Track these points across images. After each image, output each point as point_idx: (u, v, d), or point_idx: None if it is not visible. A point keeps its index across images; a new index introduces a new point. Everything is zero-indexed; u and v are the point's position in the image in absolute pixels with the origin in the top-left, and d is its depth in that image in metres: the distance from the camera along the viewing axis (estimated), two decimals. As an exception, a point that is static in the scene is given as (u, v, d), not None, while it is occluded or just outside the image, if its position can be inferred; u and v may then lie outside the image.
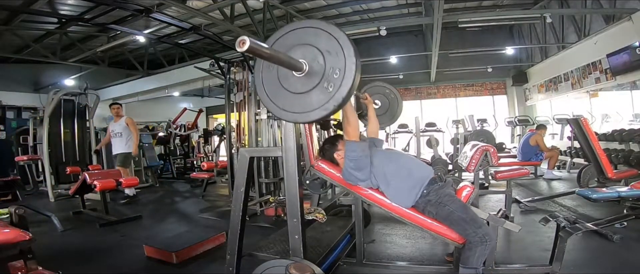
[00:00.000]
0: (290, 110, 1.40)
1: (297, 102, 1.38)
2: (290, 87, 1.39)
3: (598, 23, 6.89)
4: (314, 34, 1.34)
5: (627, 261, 2.39)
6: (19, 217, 1.88)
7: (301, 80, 1.36)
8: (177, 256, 2.66)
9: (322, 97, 1.32)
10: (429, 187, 1.89)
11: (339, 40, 1.30)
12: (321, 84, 1.32)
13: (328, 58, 1.31)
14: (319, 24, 1.35)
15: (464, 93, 11.87)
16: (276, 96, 1.43)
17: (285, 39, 1.41)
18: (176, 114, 9.66)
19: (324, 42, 1.32)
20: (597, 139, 3.91)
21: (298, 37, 1.38)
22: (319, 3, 8.04)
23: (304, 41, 1.36)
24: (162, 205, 5.21)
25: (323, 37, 1.32)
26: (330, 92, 1.30)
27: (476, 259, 1.76)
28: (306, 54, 1.34)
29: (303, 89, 1.36)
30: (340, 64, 1.29)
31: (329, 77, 1.31)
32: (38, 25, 7.11)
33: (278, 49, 1.36)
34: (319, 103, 1.33)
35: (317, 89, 1.33)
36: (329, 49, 1.31)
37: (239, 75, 4.82)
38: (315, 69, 1.33)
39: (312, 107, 1.35)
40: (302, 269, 1.61)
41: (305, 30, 1.37)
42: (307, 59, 1.33)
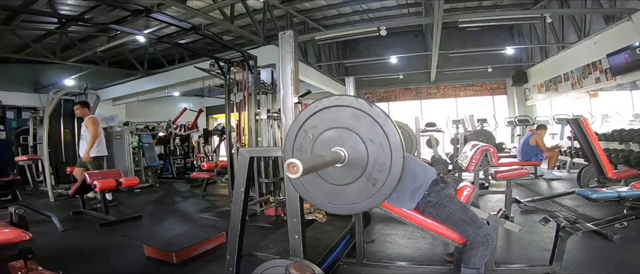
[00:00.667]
0: (329, 201, 1.28)
1: (334, 193, 1.26)
2: (326, 176, 1.25)
3: (598, 23, 6.89)
4: (353, 117, 1.18)
5: (627, 261, 2.38)
6: (19, 217, 1.88)
7: (339, 170, 1.21)
8: (177, 256, 2.65)
9: (365, 191, 1.19)
10: (430, 188, 1.88)
11: (384, 128, 1.14)
12: (362, 178, 1.19)
13: (371, 147, 1.16)
14: (361, 105, 1.17)
15: (464, 93, 11.87)
16: (310, 183, 1.30)
17: (317, 119, 1.25)
18: (176, 114, 9.66)
19: (366, 127, 1.16)
20: (597, 139, 3.91)
21: (333, 118, 1.21)
22: (319, 3, 8.04)
23: (341, 124, 1.20)
24: (162, 205, 5.21)
25: (364, 122, 1.16)
26: (374, 189, 1.17)
27: (478, 259, 1.76)
28: (344, 139, 1.18)
29: (341, 181, 1.23)
30: (385, 158, 1.14)
31: (371, 171, 1.17)
32: (38, 25, 7.10)
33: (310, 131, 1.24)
34: (361, 197, 1.21)
35: (358, 182, 1.20)
36: (371, 138, 1.16)
37: (238, 75, 4.82)
38: (356, 160, 1.18)
39: (353, 200, 1.23)
40: (302, 269, 1.61)
41: (342, 110, 1.20)
42: (345, 147, 1.19)
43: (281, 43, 1.74)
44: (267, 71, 5.62)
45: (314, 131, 1.25)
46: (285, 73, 1.73)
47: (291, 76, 1.73)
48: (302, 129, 1.28)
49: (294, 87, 1.73)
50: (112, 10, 6.16)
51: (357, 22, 9.15)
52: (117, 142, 6.63)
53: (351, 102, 1.19)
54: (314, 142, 1.27)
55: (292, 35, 1.74)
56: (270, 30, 6.90)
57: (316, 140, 1.26)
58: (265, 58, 5.54)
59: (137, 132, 7.88)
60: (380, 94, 12.33)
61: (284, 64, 1.74)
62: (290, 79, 1.73)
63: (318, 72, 9.01)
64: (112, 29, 6.80)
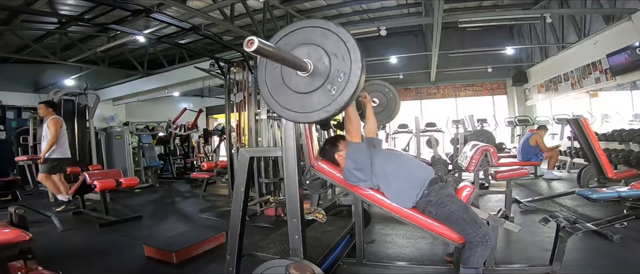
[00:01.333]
0: (291, 109, 1.39)
1: (299, 101, 1.37)
2: (293, 86, 1.38)
3: (598, 23, 6.89)
4: (322, 35, 1.32)
5: (627, 261, 2.39)
6: (19, 217, 1.88)
7: (305, 80, 1.34)
8: (177, 256, 2.66)
9: (325, 99, 1.31)
10: (429, 187, 1.88)
11: (347, 43, 1.28)
12: (325, 86, 1.31)
13: (334, 60, 1.30)
14: (328, 25, 1.32)
15: (464, 93, 11.87)
16: (278, 93, 1.42)
17: (292, 37, 1.39)
18: (176, 114, 9.67)
19: (332, 44, 1.30)
20: (597, 139, 3.91)
21: (305, 36, 1.36)
22: (319, 3, 8.04)
23: (310, 40, 1.34)
24: (162, 205, 5.21)
25: (331, 39, 1.31)
26: (333, 95, 1.29)
27: (477, 259, 1.76)
28: (312, 54, 1.32)
29: (306, 89, 1.35)
30: (345, 68, 1.27)
31: (333, 80, 1.30)
32: (38, 25, 7.11)
33: (284, 46, 1.35)
34: (321, 105, 1.32)
35: (320, 90, 1.32)
36: (335, 52, 1.29)
37: (239, 75, 4.83)
38: (320, 70, 1.32)
39: (314, 108, 1.34)
40: (302, 269, 1.61)
41: (313, 29, 1.35)
42: (312, 59, 1.32)
43: (281, 43, 1.75)
44: (267, 71, 5.61)
45: (287, 47, 1.36)
46: (285, 73, 1.74)
47: (291, 75, 1.73)
48: (278, 44, 1.38)
49: (293, 87, 1.74)
50: (112, 10, 6.17)
51: (357, 22, 9.14)
52: (117, 142, 6.63)
53: (321, 24, 1.34)
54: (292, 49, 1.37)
55: (292, 35, 1.74)
56: (270, 30, 6.90)
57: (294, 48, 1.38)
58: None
59: (137, 133, 7.89)
60: (380, 94, 12.30)
61: (284, 64, 1.74)
62: (290, 79, 1.73)
63: (318, 72, 8.99)
64: (112, 29, 6.80)
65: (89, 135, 6.24)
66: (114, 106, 10.88)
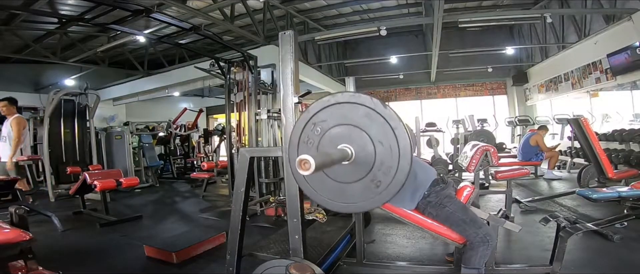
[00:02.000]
0: (331, 198, 1.26)
1: (338, 190, 1.24)
2: (331, 173, 1.23)
3: (598, 23, 6.89)
4: (366, 116, 1.16)
5: (627, 261, 2.38)
6: (19, 217, 1.88)
7: (345, 168, 1.19)
8: (177, 256, 2.66)
9: (368, 192, 1.18)
10: (430, 188, 1.88)
11: (395, 131, 1.12)
12: (367, 178, 1.17)
13: (379, 149, 1.14)
14: (374, 105, 1.15)
15: (464, 93, 11.87)
16: (314, 179, 1.28)
17: (328, 113, 1.22)
18: (176, 114, 9.66)
19: (377, 128, 1.14)
20: (597, 139, 3.91)
21: (345, 114, 1.19)
22: (319, 3, 8.04)
23: (352, 121, 1.17)
24: (162, 205, 5.21)
25: (376, 122, 1.14)
26: (377, 191, 1.16)
27: (478, 259, 1.76)
28: (353, 137, 1.16)
29: (346, 179, 1.21)
30: (392, 161, 1.12)
31: (376, 173, 1.15)
32: (38, 25, 7.10)
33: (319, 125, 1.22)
34: (364, 197, 1.19)
35: (362, 181, 1.18)
36: (381, 140, 1.14)
37: (239, 75, 4.83)
38: (363, 159, 1.16)
39: (355, 199, 1.21)
40: (302, 269, 1.61)
41: (355, 107, 1.17)
42: (353, 145, 1.17)
43: (281, 43, 1.74)
44: (267, 71, 5.62)
45: (323, 125, 1.22)
46: (285, 73, 1.73)
47: (291, 76, 1.72)
48: (311, 122, 1.25)
49: (294, 87, 1.73)
50: (112, 10, 6.16)
51: (357, 22, 9.15)
52: (117, 142, 6.64)
53: (365, 101, 1.16)
54: (322, 136, 1.25)
55: (292, 36, 1.74)
56: (270, 30, 6.90)
57: (324, 135, 1.24)
58: (265, 58, 5.54)
59: (137, 132, 7.88)
60: (380, 94, 12.31)
61: (284, 64, 1.73)
62: (291, 79, 1.72)
63: (318, 72, 9.01)
64: (112, 29, 6.78)
65: (89, 135, 6.24)
66: (114, 106, 10.86)
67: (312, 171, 0.95)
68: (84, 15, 6.56)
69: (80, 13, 6.62)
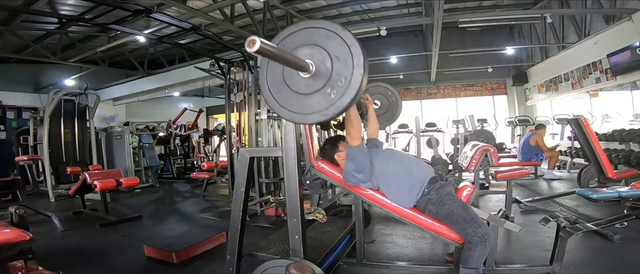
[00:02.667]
0: (289, 108, 1.39)
1: (298, 102, 1.36)
2: (293, 86, 1.37)
3: (598, 23, 6.88)
4: (326, 36, 1.31)
5: (627, 261, 2.38)
6: (19, 217, 1.88)
7: (306, 81, 1.33)
8: (177, 256, 2.66)
9: (323, 102, 1.30)
10: (429, 186, 1.89)
11: (351, 47, 1.26)
12: (325, 89, 1.30)
13: (336, 63, 1.28)
14: (333, 27, 1.31)
15: (464, 93, 11.86)
16: (278, 92, 1.41)
17: (295, 37, 1.37)
18: (176, 114, 9.67)
19: (335, 46, 1.29)
20: (597, 139, 3.91)
21: (308, 36, 1.34)
22: (319, 3, 8.03)
23: (314, 42, 1.32)
24: (162, 205, 5.21)
25: (334, 41, 1.29)
26: (332, 99, 1.28)
27: (476, 259, 1.76)
28: (314, 55, 1.31)
29: (306, 91, 1.34)
30: (347, 72, 1.26)
31: (334, 83, 1.28)
32: (38, 25, 7.11)
33: (287, 46, 1.34)
34: (320, 107, 1.31)
35: (320, 92, 1.31)
36: (338, 55, 1.28)
37: (239, 75, 4.83)
38: (322, 72, 1.30)
39: (312, 109, 1.33)
40: (302, 269, 1.61)
41: (317, 30, 1.33)
42: (314, 60, 1.31)
43: (281, 43, 1.75)
44: (267, 71, 5.60)
45: (290, 46, 1.35)
46: (285, 73, 1.74)
47: (291, 75, 1.73)
48: (281, 44, 1.38)
49: (294, 87, 1.74)
50: (112, 10, 6.17)
51: (357, 22, 9.14)
52: (117, 142, 6.64)
53: (326, 25, 1.32)
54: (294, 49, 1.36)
55: (292, 35, 1.74)
56: (270, 30, 6.90)
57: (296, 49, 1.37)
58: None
59: (137, 133, 7.89)
60: (380, 94, 12.30)
61: (284, 64, 1.74)
62: (291, 79, 1.73)
63: (318, 72, 8.99)
64: (112, 29, 6.80)
65: (89, 135, 6.25)
66: (114, 106, 10.88)
67: (257, 48, 1.02)
68: (84, 15, 6.57)
69: (80, 13, 6.62)
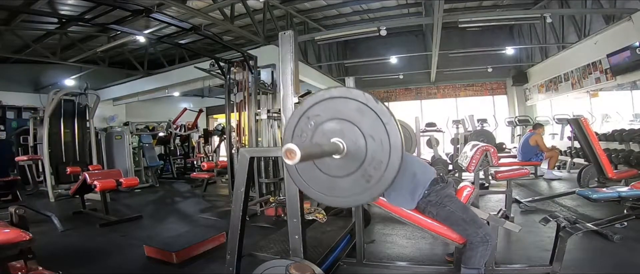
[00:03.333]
0: (320, 191, 1.27)
1: (328, 184, 1.24)
2: (323, 167, 1.24)
3: (598, 23, 6.89)
4: (357, 110, 1.16)
5: (627, 261, 2.38)
6: (19, 217, 1.88)
7: (336, 162, 1.20)
8: (177, 256, 2.65)
9: (358, 187, 1.18)
10: (430, 188, 1.88)
11: (386, 125, 1.12)
12: (358, 173, 1.17)
13: (370, 144, 1.14)
14: (366, 100, 1.15)
15: (464, 93, 11.87)
16: (305, 170, 1.29)
17: (321, 108, 1.24)
18: (176, 114, 9.66)
19: (368, 123, 1.15)
20: (597, 139, 3.91)
21: (337, 108, 1.20)
22: (319, 3, 8.04)
23: (344, 116, 1.18)
24: (162, 205, 5.21)
25: (367, 117, 1.15)
26: (368, 185, 1.16)
27: (478, 259, 1.76)
28: (345, 131, 1.17)
29: (337, 173, 1.21)
30: (383, 156, 1.12)
31: (368, 168, 1.15)
32: (38, 25, 7.10)
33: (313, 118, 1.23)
34: (353, 192, 1.20)
35: (353, 176, 1.18)
36: (372, 134, 1.14)
37: (239, 75, 4.83)
38: (354, 154, 1.17)
39: (345, 193, 1.22)
40: (302, 269, 1.61)
41: (346, 101, 1.18)
42: (345, 139, 1.18)
43: (281, 43, 1.74)
44: (267, 71, 5.62)
45: (317, 119, 1.23)
46: (285, 73, 1.73)
47: (291, 76, 1.73)
48: (305, 116, 1.26)
49: (294, 87, 1.73)
50: (112, 10, 6.16)
51: (357, 22, 9.15)
52: (117, 142, 6.64)
53: (357, 96, 1.17)
54: (315, 130, 1.26)
55: (292, 36, 1.74)
56: (270, 30, 6.90)
57: (317, 129, 1.25)
58: (265, 58, 5.54)
59: (137, 133, 7.88)
60: (380, 94, 12.31)
61: (284, 64, 1.74)
62: (290, 79, 1.73)
63: (318, 72, 9.01)
64: (112, 29, 6.79)
65: (89, 135, 6.25)
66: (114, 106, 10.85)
67: (298, 161, 0.96)
68: (84, 15, 6.57)
69: (80, 13, 6.62)
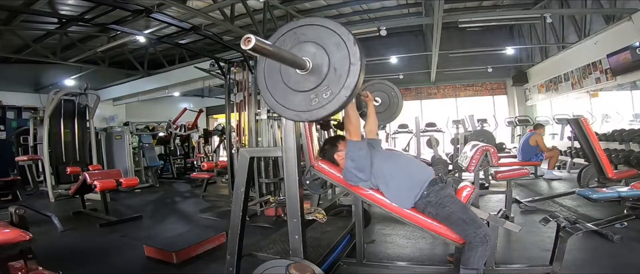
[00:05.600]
0: (289, 107, 1.38)
1: (296, 99, 1.36)
2: (291, 84, 1.36)
3: (598, 23, 6.88)
4: (321, 32, 1.32)
5: (627, 261, 2.38)
6: (19, 217, 1.88)
7: (304, 77, 1.33)
8: (177, 256, 2.66)
9: (324, 97, 1.30)
10: (429, 188, 1.88)
11: (347, 42, 1.27)
12: (323, 84, 1.30)
13: (333, 59, 1.29)
14: (327, 23, 1.32)
15: (464, 93, 11.87)
16: (276, 89, 1.41)
17: (291, 35, 1.38)
18: (176, 114, 9.67)
19: (331, 41, 1.29)
20: (597, 139, 3.90)
21: (304, 33, 1.35)
22: (319, 3, 8.04)
23: (310, 38, 1.33)
24: (162, 205, 5.21)
25: (331, 38, 1.30)
26: (331, 94, 1.29)
27: (477, 260, 1.76)
28: (311, 51, 1.31)
29: (304, 87, 1.34)
30: (344, 66, 1.26)
31: (331, 78, 1.29)
32: (38, 25, 7.11)
33: (283, 45, 1.34)
34: (320, 103, 1.31)
35: (318, 88, 1.31)
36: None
37: (239, 75, 4.83)
38: (319, 68, 1.30)
39: (312, 106, 1.33)
40: (302, 269, 1.61)
41: (312, 27, 1.34)
42: (311, 57, 1.31)
43: (281, 43, 1.74)
44: (267, 71, 5.61)
45: (302, 37, 1.35)
46: (285, 73, 1.74)
47: (291, 75, 1.73)
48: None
49: (294, 87, 1.74)
50: (112, 10, 6.17)
51: (357, 22, 9.14)
52: (117, 143, 6.64)
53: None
54: (295, 45, 1.37)
55: (292, 35, 1.74)
56: (270, 30, 6.90)
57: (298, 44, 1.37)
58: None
59: (137, 133, 7.89)
60: (380, 94, 12.31)
61: (284, 64, 1.74)
62: (291, 79, 1.73)
63: (318, 72, 8.99)
64: (112, 29, 6.80)
65: (89, 135, 6.25)
66: (114, 106, 10.88)
67: (251, 47, 1.03)
68: (84, 15, 6.57)
69: (80, 13, 6.62)
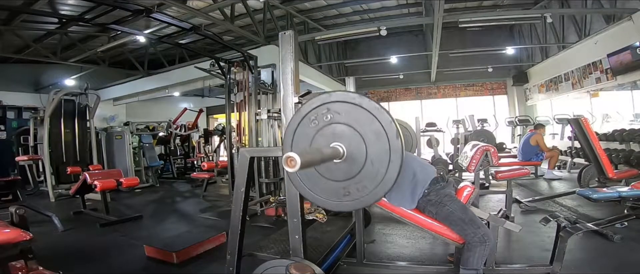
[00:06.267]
0: (318, 194, 1.28)
1: (326, 186, 1.26)
2: (321, 169, 1.25)
3: (598, 23, 6.88)
4: (358, 114, 1.18)
5: (627, 261, 2.38)
6: (19, 217, 1.88)
7: (336, 165, 1.21)
8: (178, 256, 2.66)
9: (357, 192, 1.20)
10: (430, 187, 1.88)
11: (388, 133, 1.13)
12: (357, 178, 1.19)
13: (371, 149, 1.15)
14: (366, 103, 1.16)
15: (464, 93, 11.87)
16: (307, 176, 1.30)
17: (323, 110, 1.25)
18: (176, 114, 9.67)
19: (370, 128, 1.16)
20: (597, 139, 3.90)
21: (338, 111, 1.21)
22: (319, 3, 8.04)
23: (345, 120, 1.19)
24: (162, 205, 5.21)
25: (369, 123, 1.16)
26: (366, 190, 1.18)
27: (476, 260, 1.76)
28: (346, 135, 1.18)
29: (335, 177, 1.23)
30: (383, 162, 1.14)
31: (367, 173, 1.17)
32: (38, 26, 7.11)
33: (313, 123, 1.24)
34: (352, 198, 1.22)
35: (351, 181, 1.20)
36: (373, 140, 1.15)
37: (239, 75, 4.83)
38: (354, 158, 1.18)
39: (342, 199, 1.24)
40: (302, 269, 1.61)
41: (348, 106, 1.19)
42: (345, 143, 1.18)
43: (281, 43, 1.75)
44: (268, 71, 5.62)
45: (320, 122, 1.25)
46: (285, 73, 1.74)
47: (291, 76, 1.73)
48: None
49: (294, 87, 1.74)
50: (112, 10, 6.17)
51: (357, 22, 9.14)
52: (117, 142, 6.65)
53: (355, 100, 1.18)
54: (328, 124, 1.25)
55: (292, 36, 1.74)
56: (270, 30, 6.90)
57: (318, 132, 1.26)
58: (265, 58, 5.54)
59: (137, 132, 7.89)
60: (380, 94, 12.32)
61: (284, 64, 1.74)
62: (291, 79, 1.73)
63: (318, 72, 9.01)
64: (113, 29, 6.79)
65: (89, 135, 6.26)
66: (115, 106, 10.85)
67: (298, 169, 0.95)
68: (84, 15, 6.57)
69: (80, 13, 6.62)
